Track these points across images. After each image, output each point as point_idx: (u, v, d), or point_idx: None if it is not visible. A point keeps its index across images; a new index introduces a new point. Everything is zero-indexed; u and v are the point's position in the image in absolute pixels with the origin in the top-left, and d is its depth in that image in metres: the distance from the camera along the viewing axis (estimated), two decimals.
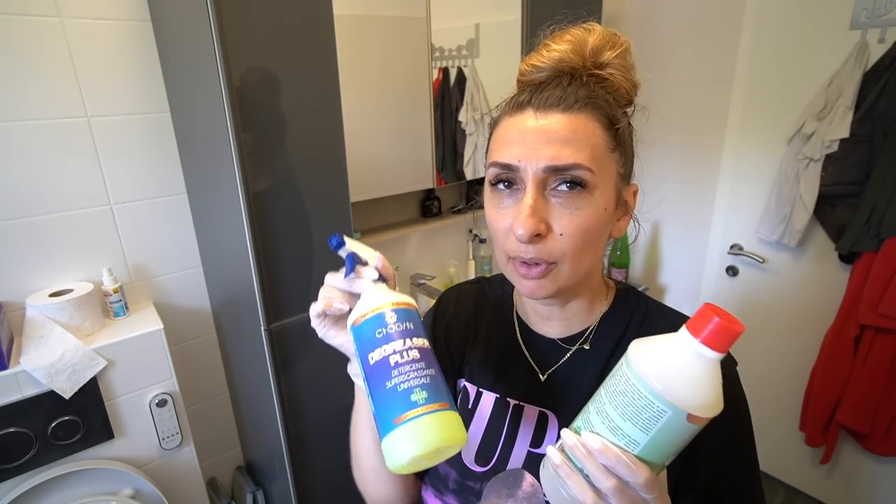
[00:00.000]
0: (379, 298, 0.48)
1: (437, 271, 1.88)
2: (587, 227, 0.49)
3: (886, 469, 1.64)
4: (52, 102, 1.11)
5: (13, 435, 1.02)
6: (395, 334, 0.46)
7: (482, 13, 1.59)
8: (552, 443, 0.55)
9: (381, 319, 0.46)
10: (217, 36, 0.87)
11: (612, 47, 0.51)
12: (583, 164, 0.47)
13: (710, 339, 0.36)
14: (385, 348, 0.45)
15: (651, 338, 0.40)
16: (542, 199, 0.49)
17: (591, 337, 0.59)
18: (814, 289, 1.69)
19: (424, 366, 0.45)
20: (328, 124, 1.06)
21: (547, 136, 0.48)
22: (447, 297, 0.73)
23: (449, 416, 0.44)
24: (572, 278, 0.51)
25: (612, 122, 0.50)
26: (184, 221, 1.36)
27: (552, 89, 0.50)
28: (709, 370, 0.37)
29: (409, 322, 0.47)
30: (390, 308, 0.47)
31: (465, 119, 1.64)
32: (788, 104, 1.60)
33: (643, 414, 0.37)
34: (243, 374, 1.37)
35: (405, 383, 0.44)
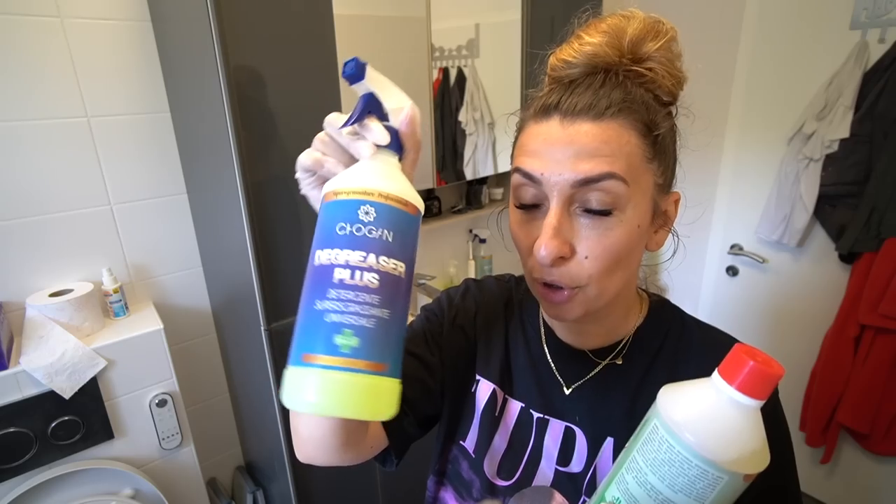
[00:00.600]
0: (367, 178, 0.35)
1: (437, 271, 1.88)
2: (616, 250, 0.44)
3: (886, 469, 1.64)
4: (52, 102, 1.11)
5: (13, 435, 1.02)
6: (359, 240, 0.33)
7: (482, 13, 1.59)
8: (581, 461, 0.52)
9: (352, 211, 0.34)
10: (217, 36, 0.87)
11: (654, 37, 0.45)
12: (617, 174, 0.42)
13: (748, 386, 0.32)
14: (336, 254, 0.33)
15: (681, 387, 0.37)
16: (568, 217, 0.44)
17: (624, 351, 0.54)
18: (814, 289, 1.69)
19: (378, 302, 0.33)
20: None
21: (575, 148, 0.42)
22: (479, 282, 0.67)
23: (375, 383, 0.33)
24: (600, 300, 0.47)
25: (650, 128, 0.44)
26: (184, 221, 1.36)
27: (582, 92, 0.44)
28: (752, 420, 0.33)
29: (388, 230, 0.34)
30: (374, 198, 0.34)
31: (465, 119, 1.64)
32: (788, 104, 1.60)
33: (697, 484, 0.33)
34: (243, 374, 1.37)
35: (336, 314, 0.32)
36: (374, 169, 0.36)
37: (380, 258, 0.33)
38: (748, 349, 0.34)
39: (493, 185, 1.91)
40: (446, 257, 1.92)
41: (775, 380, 0.32)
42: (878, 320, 1.45)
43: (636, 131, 0.44)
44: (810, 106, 1.53)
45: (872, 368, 1.50)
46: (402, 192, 0.35)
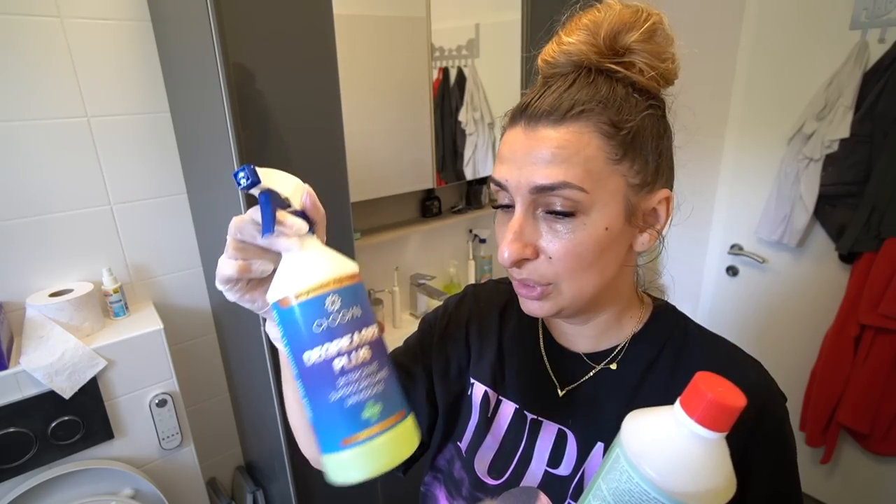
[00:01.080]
0: (314, 271, 0.36)
1: (437, 271, 1.88)
2: (579, 252, 0.44)
3: (886, 469, 1.64)
4: (52, 102, 1.12)
5: (13, 435, 1.02)
6: (340, 328, 0.36)
7: (482, 13, 1.59)
8: (570, 464, 0.52)
9: (320, 307, 0.35)
10: (217, 36, 0.87)
11: (632, 27, 0.43)
12: (571, 183, 0.42)
13: (707, 419, 0.32)
14: (328, 348, 0.35)
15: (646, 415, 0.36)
16: (532, 220, 0.45)
17: (619, 357, 0.54)
18: (814, 289, 1.69)
19: (377, 367, 0.37)
20: (328, 124, 1.06)
21: (533, 155, 0.43)
22: (478, 288, 0.68)
23: (405, 427, 0.37)
24: (576, 299, 0.47)
25: (617, 127, 0.43)
26: (184, 221, 1.36)
27: (549, 94, 0.44)
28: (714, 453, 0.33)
29: (356, 306, 0.37)
30: (333, 287, 0.36)
31: (465, 119, 1.64)
32: (788, 104, 1.60)
33: None
34: (243, 374, 1.37)
35: (354, 396, 0.35)
36: (311, 259, 0.38)
37: (360, 332, 0.37)
38: (709, 379, 0.33)
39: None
40: (446, 257, 1.92)
41: (735, 412, 0.31)
42: (878, 320, 1.45)
43: (599, 132, 0.43)
44: (810, 106, 1.53)
45: (872, 368, 1.50)
46: (343, 266, 0.38)
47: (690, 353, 0.52)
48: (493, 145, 1.74)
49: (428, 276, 1.74)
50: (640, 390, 0.51)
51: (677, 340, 0.53)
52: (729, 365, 0.50)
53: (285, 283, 0.37)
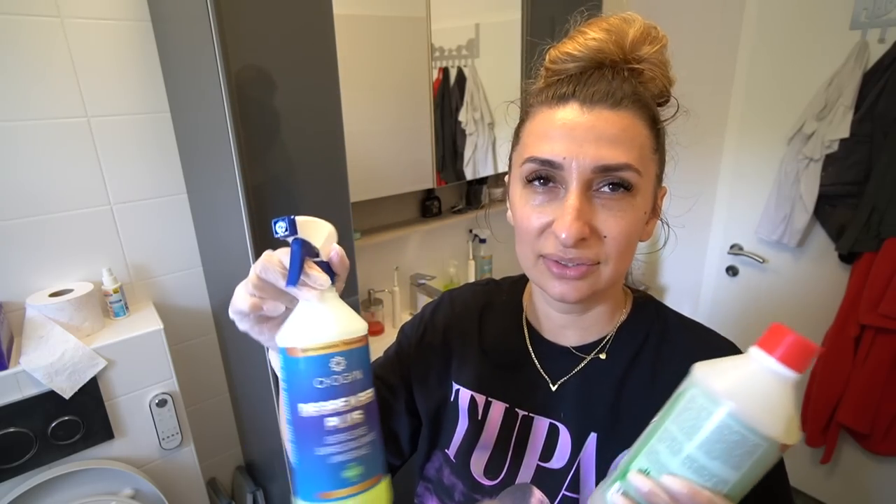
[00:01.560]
0: (326, 329, 0.37)
1: (437, 271, 1.88)
2: (630, 231, 0.46)
3: (886, 469, 1.64)
4: (52, 102, 1.11)
5: (13, 435, 1.02)
6: (338, 389, 0.37)
7: (482, 13, 1.59)
8: (563, 457, 0.53)
9: (325, 365, 0.37)
10: (217, 36, 0.87)
11: (651, 41, 0.48)
12: (633, 165, 0.44)
13: (788, 357, 0.33)
14: (322, 406, 0.37)
15: (715, 363, 0.37)
16: (587, 200, 0.45)
17: (607, 346, 0.55)
18: (814, 289, 1.69)
19: (366, 430, 0.38)
20: (328, 124, 1.06)
21: (596, 133, 0.44)
22: (454, 294, 0.69)
23: (379, 490, 0.39)
24: (610, 281, 0.48)
25: (655, 120, 0.48)
26: (184, 221, 1.36)
27: (598, 82, 0.46)
28: (789, 392, 0.34)
29: (358, 370, 0.38)
30: (341, 349, 0.37)
31: (465, 119, 1.64)
32: (788, 104, 1.61)
33: (735, 451, 0.33)
34: (243, 374, 1.37)
35: (339, 455, 0.37)
36: (325, 315, 0.38)
37: (358, 395, 0.38)
38: (782, 328, 0.34)
39: (492, 185, 1.91)
40: (446, 257, 1.92)
41: (812, 354, 0.33)
42: (878, 320, 1.45)
43: (646, 123, 0.46)
44: (810, 106, 1.53)
45: (872, 368, 1.50)
46: (354, 328, 0.39)
47: (672, 339, 0.55)
48: (493, 145, 1.74)
49: (428, 276, 1.74)
50: (628, 378, 0.53)
51: (659, 328, 0.55)
52: (707, 348, 0.53)
53: (296, 334, 0.38)
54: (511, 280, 0.67)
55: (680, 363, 0.48)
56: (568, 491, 0.52)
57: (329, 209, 1.11)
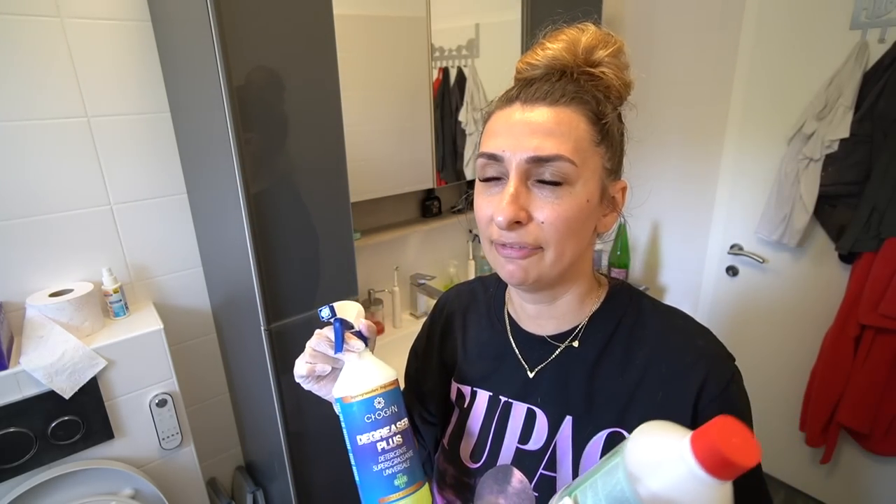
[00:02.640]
0: (368, 380, 0.53)
1: (437, 271, 1.88)
2: (567, 217, 0.49)
3: (886, 469, 1.64)
4: (52, 102, 1.12)
5: (13, 435, 1.02)
6: (382, 420, 0.52)
7: (482, 13, 1.59)
8: (540, 439, 0.58)
9: (370, 405, 0.52)
10: (217, 36, 0.87)
11: (604, 46, 0.52)
12: (564, 156, 0.48)
13: (709, 464, 0.31)
14: (373, 434, 0.51)
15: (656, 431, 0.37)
16: (525, 188, 0.50)
17: (580, 334, 0.59)
18: (814, 289, 1.69)
19: (405, 449, 0.52)
20: (328, 124, 1.06)
21: (531, 127, 0.49)
22: (444, 298, 0.76)
23: (422, 495, 0.52)
24: (555, 266, 0.52)
25: (598, 116, 0.51)
26: (184, 221, 1.36)
27: (540, 84, 0.51)
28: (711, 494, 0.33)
29: (394, 405, 0.53)
30: (379, 392, 0.52)
31: (465, 119, 1.64)
32: (788, 104, 1.60)
33: None
34: (243, 374, 1.37)
35: (389, 469, 0.51)
36: (365, 369, 0.54)
37: (396, 424, 0.53)
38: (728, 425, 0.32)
39: None
40: (446, 257, 1.92)
41: (739, 471, 0.31)
42: (878, 320, 1.45)
43: (585, 118, 0.50)
44: (810, 106, 1.53)
45: (872, 368, 1.50)
46: (388, 377, 0.54)
47: (644, 325, 0.57)
48: None
49: (428, 276, 1.74)
50: (600, 364, 0.57)
51: (632, 314, 0.59)
52: (680, 334, 0.56)
53: (347, 386, 0.53)
54: (496, 276, 0.72)
55: (652, 346, 0.55)
56: (545, 470, 0.57)
57: (329, 209, 1.11)
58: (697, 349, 0.54)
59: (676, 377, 0.53)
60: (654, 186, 2.02)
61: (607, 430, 0.55)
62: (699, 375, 0.52)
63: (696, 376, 0.52)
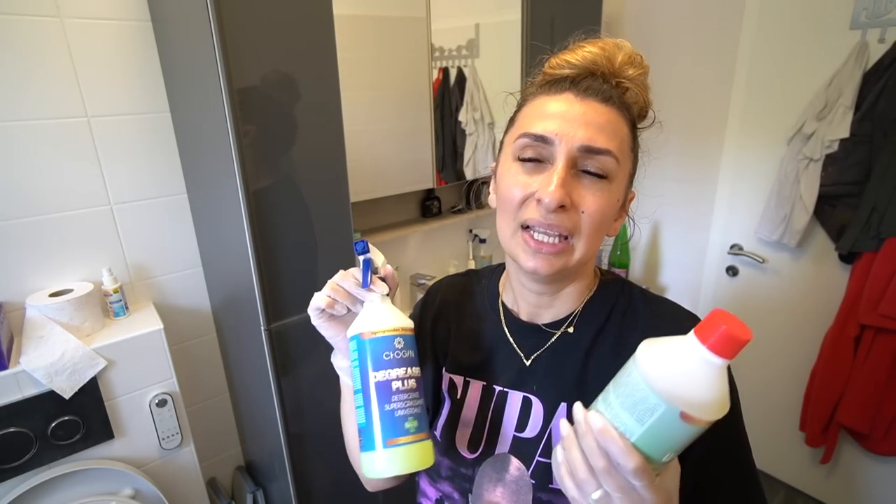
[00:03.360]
0: (390, 319, 0.52)
1: (437, 271, 1.88)
2: (605, 210, 0.51)
3: (886, 469, 1.64)
4: (52, 102, 1.11)
5: (13, 435, 1.02)
6: (400, 361, 0.51)
7: (482, 13, 1.59)
8: (536, 427, 0.59)
9: (391, 343, 0.51)
10: (217, 36, 0.87)
11: (637, 66, 0.55)
12: (613, 152, 0.50)
13: (716, 345, 0.37)
14: (390, 372, 0.50)
15: (661, 339, 0.42)
16: (570, 175, 0.51)
17: (574, 321, 0.60)
18: (814, 289, 1.69)
19: (418, 395, 0.51)
20: (328, 124, 1.06)
21: (585, 118, 0.50)
22: (435, 289, 0.76)
23: (428, 445, 0.51)
24: (580, 260, 0.53)
25: (633, 125, 0.55)
26: (184, 221, 1.36)
27: (590, 82, 0.53)
28: (710, 374, 0.37)
29: (411, 350, 0.52)
30: (401, 332, 0.52)
31: (465, 119, 1.64)
32: (788, 104, 1.61)
33: (640, 406, 0.38)
34: (243, 374, 1.37)
35: (402, 410, 0.50)
36: (387, 311, 0.53)
37: (412, 368, 0.52)
38: (723, 314, 0.38)
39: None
40: (446, 257, 1.92)
41: (741, 344, 0.36)
42: (878, 320, 1.45)
43: (627, 123, 0.53)
44: (810, 106, 1.53)
45: (872, 368, 1.50)
46: (408, 323, 0.54)
47: (635, 312, 0.59)
48: (493, 145, 1.74)
49: (428, 276, 1.74)
50: (594, 350, 0.58)
51: (623, 304, 0.60)
52: (669, 320, 0.58)
53: (367, 323, 0.52)
54: (491, 268, 0.73)
55: (642, 333, 0.55)
56: (541, 457, 0.58)
57: (329, 209, 1.11)
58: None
59: None
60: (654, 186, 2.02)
61: None
62: None
63: None
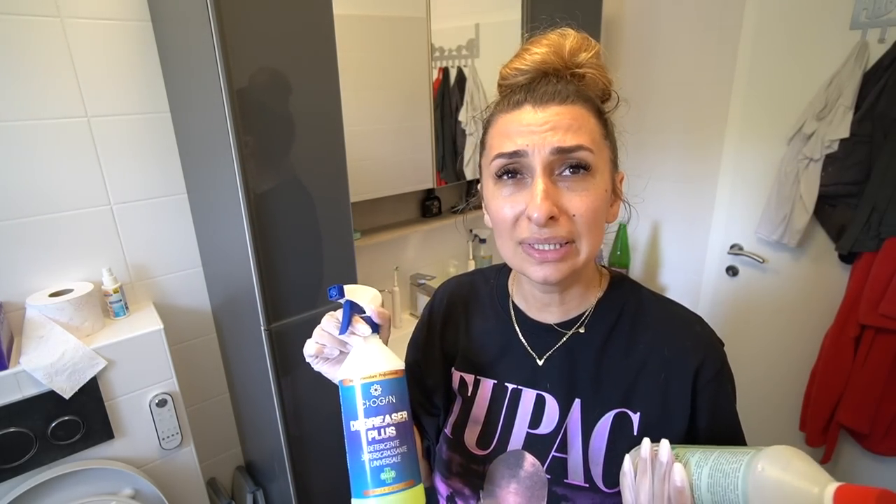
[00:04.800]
0: (368, 365, 0.50)
1: (437, 271, 1.88)
2: (595, 207, 0.52)
3: (886, 469, 1.64)
4: (52, 102, 1.11)
5: (13, 435, 1.02)
6: (377, 409, 0.49)
7: (482, 13, 1.59)
8: (551, 423, 0.60)
9: (367, 391, 0.49)
10: (217, 36, 0.87)
11: (586, 49, 0.55)
12: (585, 146, 0.51)
13: None
14: (365, 422, 0.49)
15: (792, 475, 0.38)
16: (552, 183, 0.51)
17: (586, 321, 0.61)
18: (814, 289, 1.69)
19: (399, 443, 0.49)
20: (328, 124, 1.06)
21: (550, 124, 0.51)
22: (442, 290, 0.76)
23: (412, 493, 0.49)
24: (586, 258, 0.54)
25: (600, 112, 0.55)
26: (184, 221, 1.36)
27: (544, 86, 0.53)
28: None
29: (392, 395, 0.50)
30: (378, 379, 0.50)
31: (465, 119, 1.64)
32: (788, 104, 1.60)
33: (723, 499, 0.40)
34: (243, 374, 1.37)
35: (377, 461, 0.48)
36: (368, 354, 0.52)
37: (391, 415, 0.49)
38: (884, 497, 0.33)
39: None
40: (446, 257, 1.92)
41: None
42: (878, 320, 1.45)
43: (593, 114, 0.53)
44: (810, 106, 1.53)
45: (872, 368, 1.50)
46: (390, 364, 0.51)
47: (645, 312, 0.61)
48: None
49: (428, 276, 1.74)
50: (606, 348, 0.60)
51: (633, 304, 0.62)
52: (679, 320, 0.61)
53: (347, 369, 0.51)
54: (496, 267, 0.73)
55: (653, 332, 0.59)
56: (557, 452, 0.59)
57: (329, 209, 1.11)
58: (695, 335, 0.59)
59: (677, 360, 0.57)
60: (654, 186, 2.02)
61: (614, 411, 0.58)
62: (697, 358, 0.57)
63: (695, 359, 0.57)
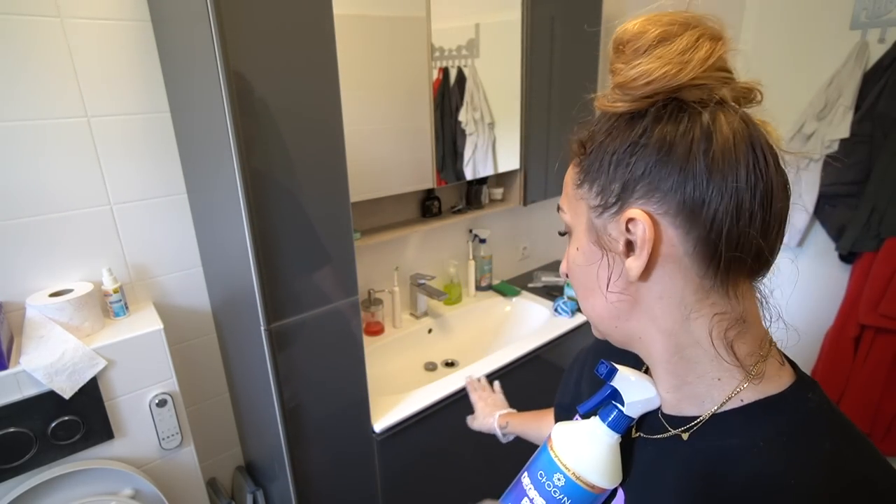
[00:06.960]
0: (575, 456, 0.47)
1: (437, 271, 1.88)
2: (570, 267, 0.50)
3: None
4: (52, 102, 1.11)
5: (13, 435, 1.02)
6: (545, 492, 0.48)
7: (482, 13, 1.59)
8: None
9: (552, 470, 0.48)
10: (217, 36, 0.87)
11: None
12: (561, 207, 0.50)
13: None
14: (529, 487, 0.49)
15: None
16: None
17: (694, 429, 0.44)
18: (814, 289, 1.69)
19: None
20: (328, 124, 1.06)
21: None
22: (577, 357, 0.72)
23: None
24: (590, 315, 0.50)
25: (583, 148, 0.45)
26: (184, 221, 1.36)
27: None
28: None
29: (567, 497, 0.47)
30: (568, 473, 0.47)
31: (465, 119, 1.64)
32: (788, 104, 1.61)
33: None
34: (243, 374, 1.37)
35: None
36: (588, 446, 0.47)
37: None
38: None
39: (493, 185, 1.91)
40: (446, 257, 1.92)
41: None
42: (878, 320, 1.45)
43: (574, 161, 0.47)
44: (810, 106, 1.53)
45: (872, 368, 1.50)
46: (595, 477, 0.46)
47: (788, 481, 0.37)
48: (493, 145, 1.74)
49: (428, 276, 1.74)
50: (709, 482, 0.40)
51: (777, 444, 0.39)
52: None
53: (563, 437, 0.50)
54: None
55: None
56: None
57: (329, 209, 1.11)
58: None
59: None
60: None
61: None
62: None
63: None
